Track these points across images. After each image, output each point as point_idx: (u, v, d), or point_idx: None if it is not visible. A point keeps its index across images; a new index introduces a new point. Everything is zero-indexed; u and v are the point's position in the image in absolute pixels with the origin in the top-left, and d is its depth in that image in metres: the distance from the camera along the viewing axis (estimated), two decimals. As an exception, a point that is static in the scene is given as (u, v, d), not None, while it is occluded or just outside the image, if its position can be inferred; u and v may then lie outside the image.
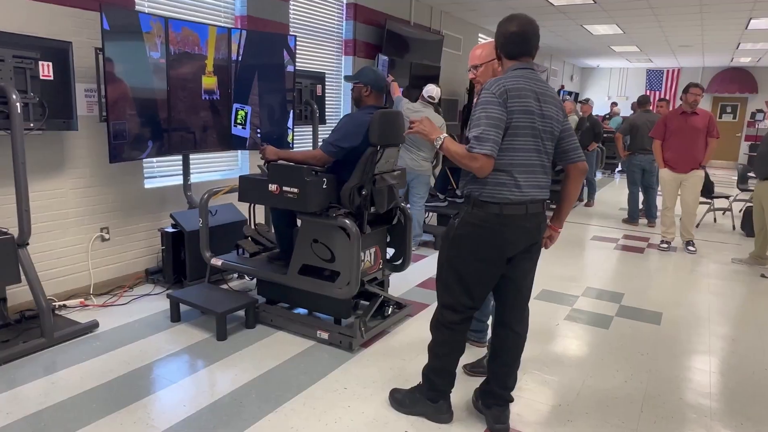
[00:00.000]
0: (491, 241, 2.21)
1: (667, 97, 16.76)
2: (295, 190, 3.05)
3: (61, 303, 3.65)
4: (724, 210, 7.82)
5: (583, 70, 17.98)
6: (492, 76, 2.61)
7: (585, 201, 8.59)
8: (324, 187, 3.11)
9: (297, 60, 4.68)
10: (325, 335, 3.26)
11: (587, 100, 9.19)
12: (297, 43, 4.64)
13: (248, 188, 3.31)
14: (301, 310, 3.65)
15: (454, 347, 2.41)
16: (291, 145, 4.68)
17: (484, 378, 2.54)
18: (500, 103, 2.08)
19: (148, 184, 4.29)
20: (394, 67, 6.74)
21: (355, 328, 3.21)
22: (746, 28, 8.97)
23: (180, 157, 4.27)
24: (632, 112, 11.44)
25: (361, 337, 3.22)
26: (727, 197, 7.45)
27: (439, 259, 2.39)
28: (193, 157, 4.44)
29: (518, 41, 2.19)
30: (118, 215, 4.06)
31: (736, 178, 7.92)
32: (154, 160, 4.25)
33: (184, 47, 3.90)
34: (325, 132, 6.57)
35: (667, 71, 16.72)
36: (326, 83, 5.60)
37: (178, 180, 4.41)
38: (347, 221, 3.10)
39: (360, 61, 6.54)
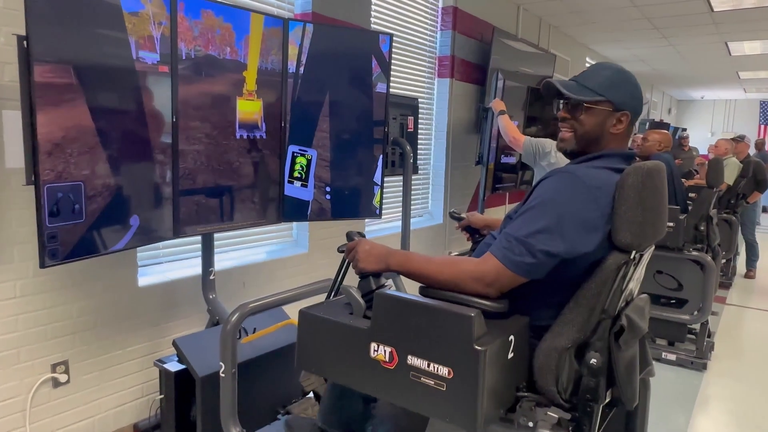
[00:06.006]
0: None
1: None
2: (445, 371, 1.20)
3: None
4: None
5: (680, 102, 15.69)
6: None
7: (745, 270, 6.47)
8: (510, 356, 1.26)
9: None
10: None
11: (743, 137, 7.10)
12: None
13: (316, 346, 1.44)
14: None
15: None
16: (378, 211, 2.88)
17: None
18: None
19: (145, 279, 2.56)
20: (504, 93, 4.93)
21: None
22: None
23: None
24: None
25: None
26: None
27: None
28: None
29: None
30: (85, 339, 2.33)
31: None
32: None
33: (207, 47, 2.21)
34: (419, 190, 4.82)
35: (787, 103, 14.24)
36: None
37: (195, 268, 2.68)
38: (561, 439, 1.23)
39: (460, 86, 4.76)
